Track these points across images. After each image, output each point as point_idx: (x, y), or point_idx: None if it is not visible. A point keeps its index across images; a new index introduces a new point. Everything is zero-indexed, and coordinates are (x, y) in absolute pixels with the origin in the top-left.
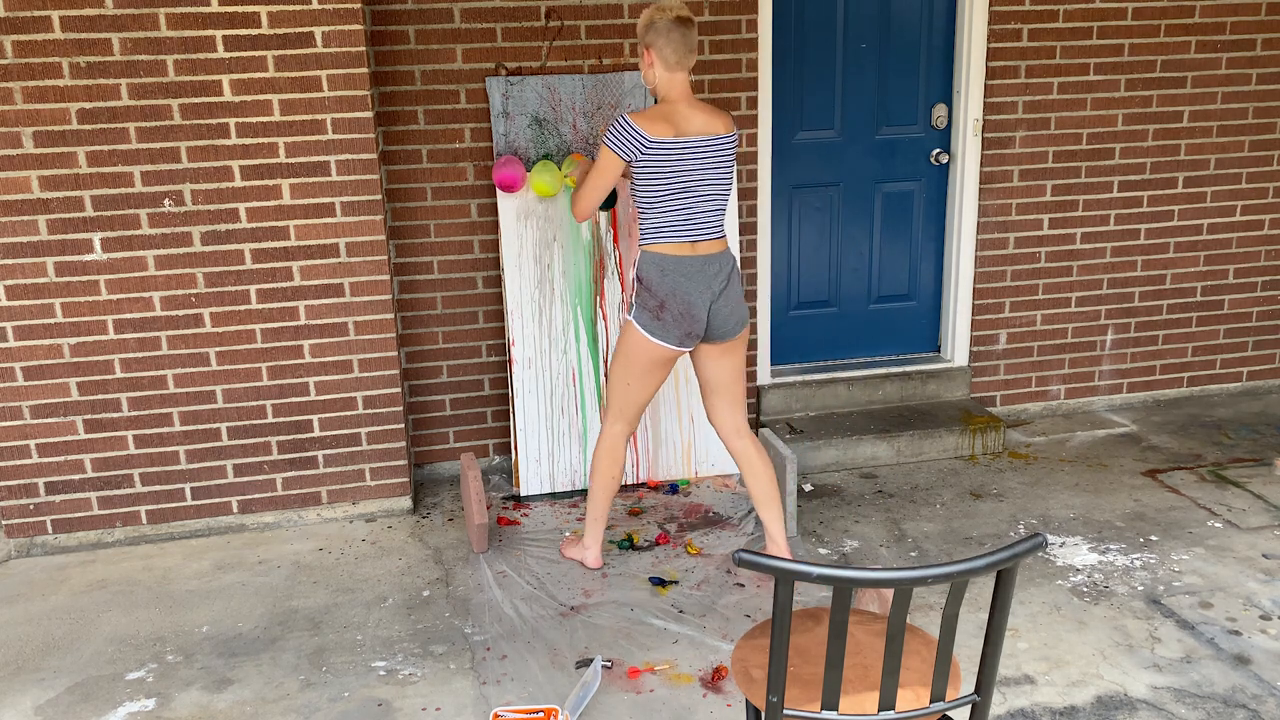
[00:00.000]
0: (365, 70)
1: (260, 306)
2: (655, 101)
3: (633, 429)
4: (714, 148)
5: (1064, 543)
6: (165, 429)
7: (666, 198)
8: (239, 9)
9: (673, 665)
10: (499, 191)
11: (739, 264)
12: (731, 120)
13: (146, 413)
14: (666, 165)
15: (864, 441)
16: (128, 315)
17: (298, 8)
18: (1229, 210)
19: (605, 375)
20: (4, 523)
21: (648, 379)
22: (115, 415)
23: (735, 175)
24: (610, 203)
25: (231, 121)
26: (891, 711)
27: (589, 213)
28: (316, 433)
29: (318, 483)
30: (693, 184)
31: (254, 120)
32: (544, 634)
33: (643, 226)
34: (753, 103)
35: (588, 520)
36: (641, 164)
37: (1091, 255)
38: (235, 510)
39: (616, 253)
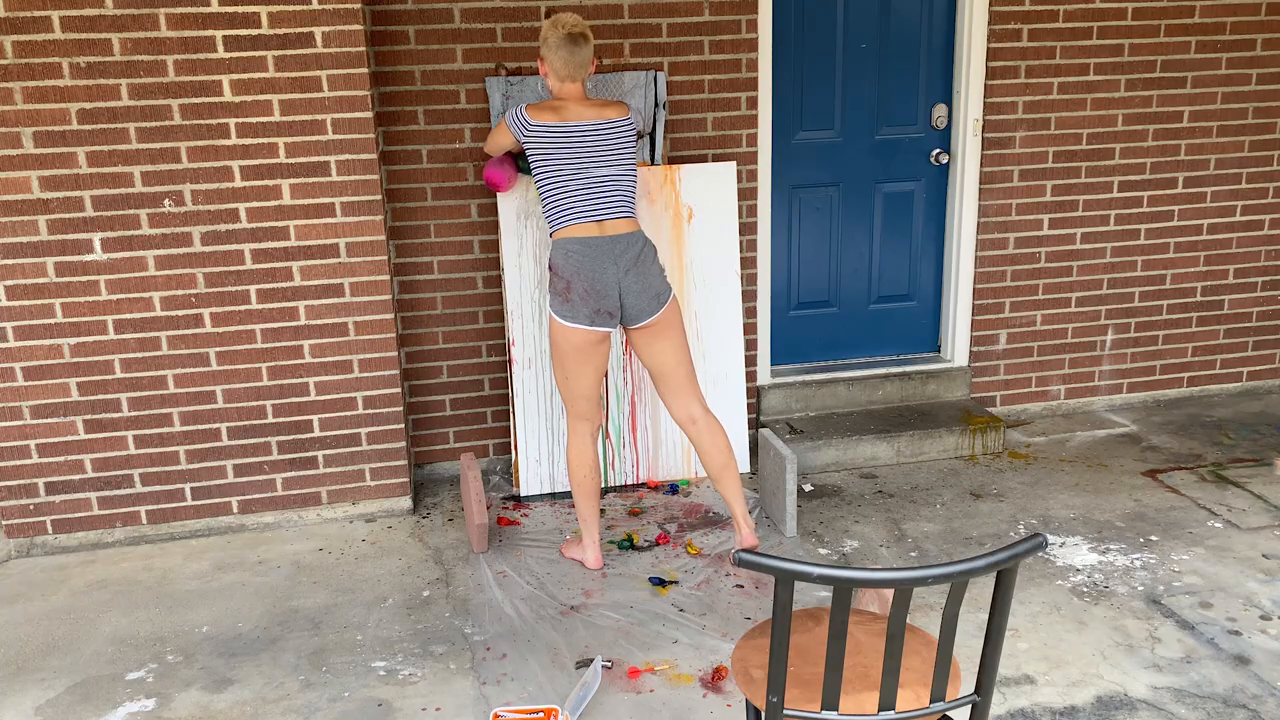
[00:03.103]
0: (365, 70)
1: (260, 306)
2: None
3: (595, 424)
4: (602, 132)
5: (1064, 543)
6: (165, 429)
7: (565, 179)
8: (239, 9)
9: (673, 665)
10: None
11: (657, 247)
12: (627, 108)
13: (146, 413)
14: (554, 148)
15: (864, 441)
16: (128, 315)
17: (298, 8)
18: (1229, 210)
19: None
20: (4, 523)
21: (581, 368)
22: (115, 415)
23: (637, 160)
24: (526, 169)
25: (231, 122)
26: (891, 711)
27: (491, 154)
28: (316, 433)
29: (318, 483)
30: (587, 165)
31: (254, 120)
32: (544, 634)
33: (548, 215)
34: (753, 103)
35: (581, 522)
36: (530, 147)
37: (1091, 255)
38: (235, 510)
39: None
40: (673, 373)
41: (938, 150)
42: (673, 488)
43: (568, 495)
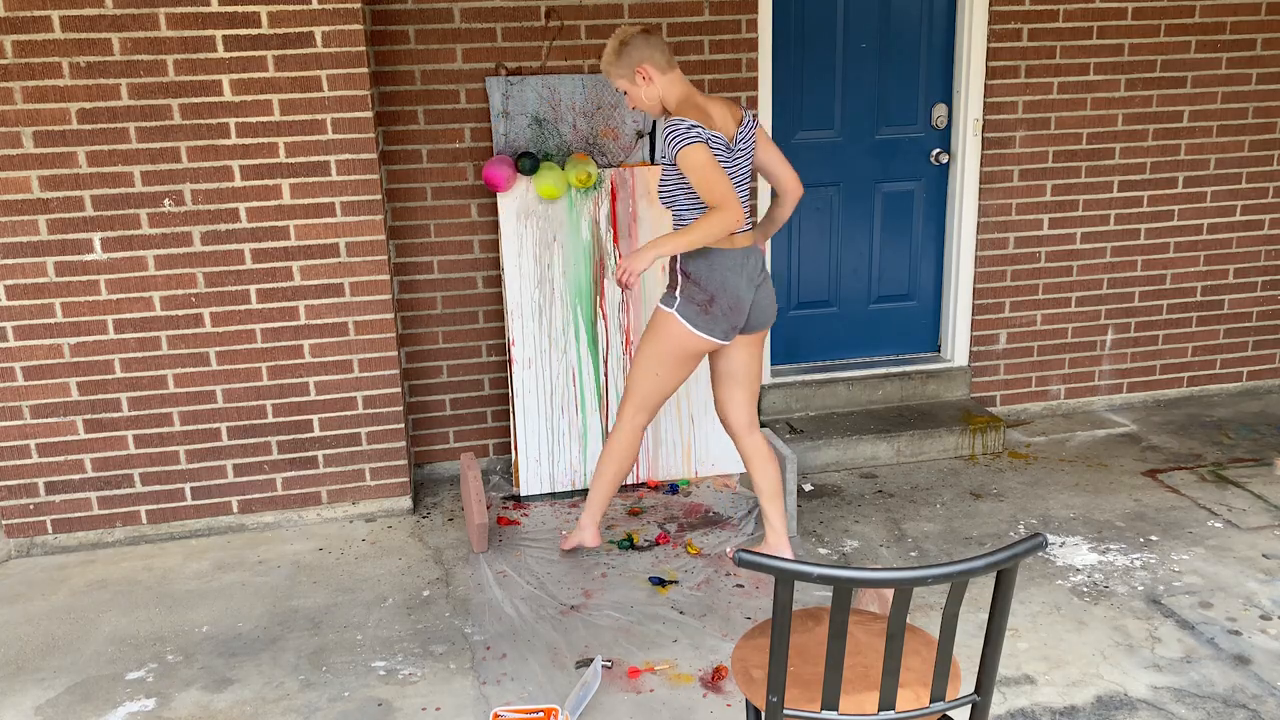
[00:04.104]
0: (365, 70)
1: (260, 306)
2: (668, 113)
3: (650, 421)
4: (745, 138)
5: (1064, 543)
6: (165, 429)
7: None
8: (239, 9)
9: (673, 665)
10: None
11: None
12: (740, 105)
13: (146, 413)
14: (723, 158)
15: (864, 441)
16: (128, 315)
17: (298, 8)
18: (1229, 210)
19: (635, 356)
20: (4, 523)
21: (680, 371)
22: (115, 415)
23: None
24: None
25: (231, 121)
26: (891, 711)
27: (726, 193)
28: (316, 433)
29: (318, 483)
30: (735, 175)
31: (254, 120)
32: (544, 634)
33: (686, 223)
34: (753, 103)
35: (590, 504)
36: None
37: (1091, 255)
38: (235, 510)
39: (616, 252)
40: (751, 380)
41: (938, 150)
42: (673, 488)
43: (567, 495)
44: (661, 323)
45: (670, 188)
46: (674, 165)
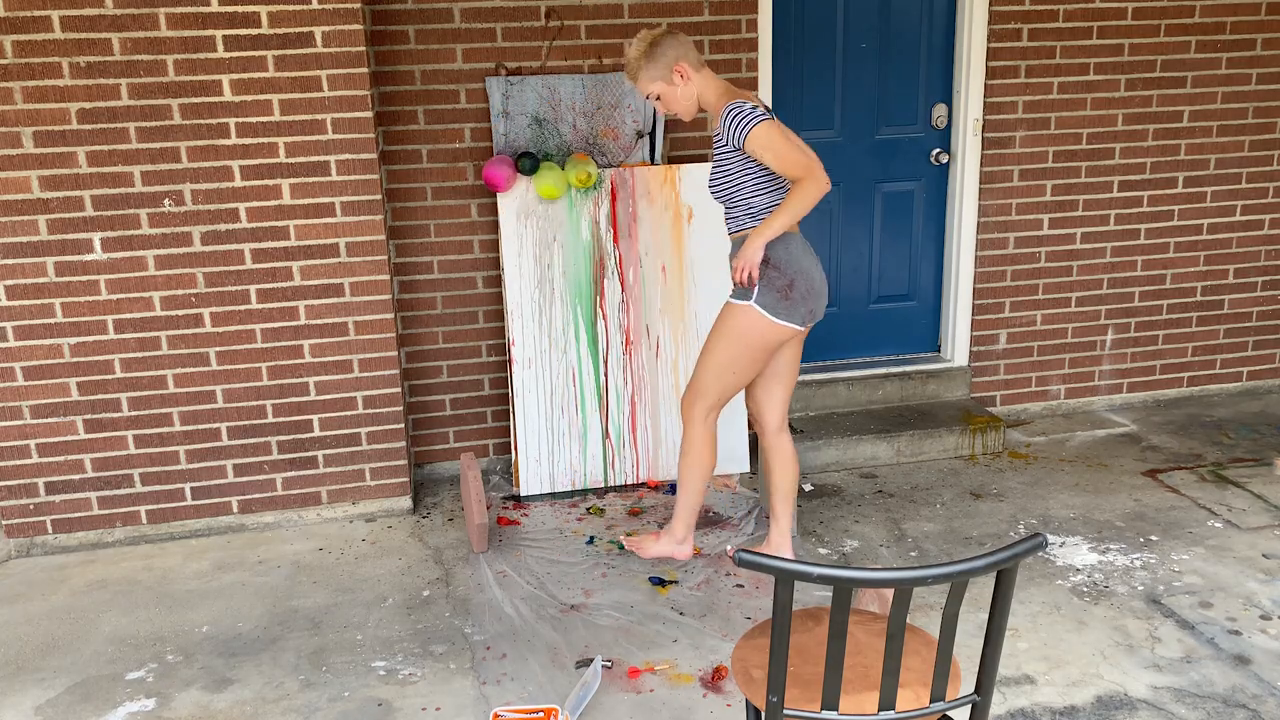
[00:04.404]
0: (365, 70)
1: (260, 306)
2: (702, 112)
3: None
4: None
5: (1064, 543)
6: (165, 429)
7: (777, 176)
8: (239, 9)
9: (673, 665)
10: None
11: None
12: None
13: (146, 413)
14: None
15: (864, 441)
16: (128, 315)
17: (298, 8)
18: (1229, 210)
19: (704, 358)
20: (4, 523)
21: (755, 367)
22: (115, 415)
23: None
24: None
25: (231, 121)
26: (891, 711)
27: (809, 161)
28: (316, 433)
29: (318, 483)
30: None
31: (254, 120)
32: (544, 634)
33: (755, 211)
34: None
35: (680, 514)
36: None
37: (1091, 255)
38: (235, 510)
39: (616, 252)
40: (792, 378)
41: (938, 150)
42: (672, 488)
43: (567, 495)
44: (738, 317)
45: (732, 175)
46: (739, 151)
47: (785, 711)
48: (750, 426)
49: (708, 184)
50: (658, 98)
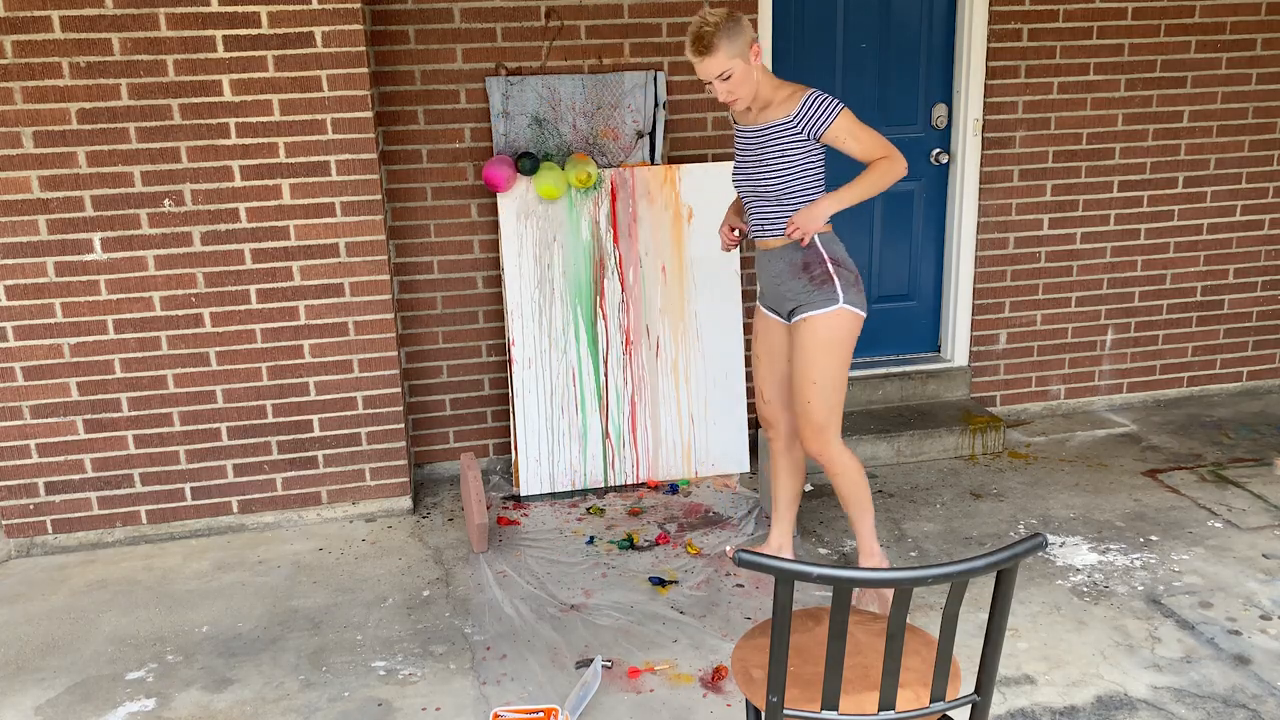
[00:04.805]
0: (365, 70)
1: (260, 306)
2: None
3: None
4: None
5: (1064, 543)
6: (165, 429)
7: (823, 174)
8: (239, 9)
9: (673, 665)
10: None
11: None
12: None
13: (146, 413)
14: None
15: (864, 441)
16: (128, 315)
17: (298, 8)
18: (1229, 210)
19: (810, 387)
20: (4, 523)
21: (849, 368)
22: (115, 415)
23: None
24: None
25: (231, 121)
26: (891, 711)
27: (891, 147)
28: (316, 433)
29: (318, 483)
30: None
31: (254, 120)
32: (544, 634)
33: (796, 203)
34: None
35: (866, 531)
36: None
37: (1091, 255)
38: (235, 510)
39: (616, 252)
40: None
41: (938, 150)
42: (672, 487)
43: (567, 495)
44: (832, 326)
45: (797, 164)
46: (811, 140)
47: (785, 711)
48: (751, 426)
49: (751, 179)
50: (726, 77)
